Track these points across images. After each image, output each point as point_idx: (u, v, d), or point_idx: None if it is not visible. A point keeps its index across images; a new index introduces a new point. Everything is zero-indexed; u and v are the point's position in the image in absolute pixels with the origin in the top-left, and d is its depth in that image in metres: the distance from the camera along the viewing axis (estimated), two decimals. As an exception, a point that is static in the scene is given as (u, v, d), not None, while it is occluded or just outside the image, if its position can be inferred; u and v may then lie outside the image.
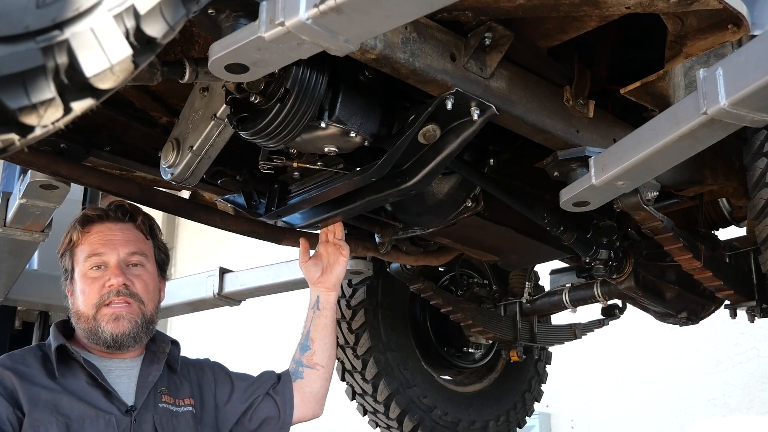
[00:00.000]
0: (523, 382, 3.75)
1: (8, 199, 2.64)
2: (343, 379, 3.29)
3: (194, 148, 1.95)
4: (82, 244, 2.06)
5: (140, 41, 0.97)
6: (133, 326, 2.00)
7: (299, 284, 3.20)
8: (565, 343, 3.64)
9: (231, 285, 3.53)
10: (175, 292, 3.60)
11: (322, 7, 1.13)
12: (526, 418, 3.78)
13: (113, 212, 2.11)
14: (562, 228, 2.38)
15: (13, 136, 0.91)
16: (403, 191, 1.97)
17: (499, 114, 1.79)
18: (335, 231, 2.33)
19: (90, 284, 2.02)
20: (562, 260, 3.17)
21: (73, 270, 2.07)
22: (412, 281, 2.98)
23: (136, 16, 0.95)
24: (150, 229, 2.17)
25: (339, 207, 2.15)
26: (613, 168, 1.75)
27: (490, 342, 3.57)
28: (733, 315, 2.97)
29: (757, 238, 2.27)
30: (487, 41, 1.72)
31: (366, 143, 1.83)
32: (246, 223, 2.48)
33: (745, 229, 3.11)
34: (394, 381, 3.21)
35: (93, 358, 2.01)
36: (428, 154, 1.88)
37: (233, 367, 2.32)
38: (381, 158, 1.84)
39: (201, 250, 9.64)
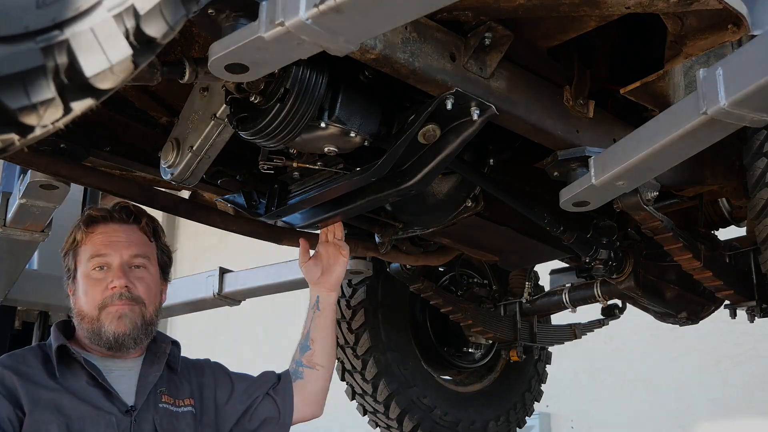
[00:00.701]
0: (523, 382, 3.75)
1: (8, 199, 2.64)
2: (343, 379, 3.29)
3: (194, 148, 1.95)
4: (86, 245, 2.06)
5: (140, 41, 0.96)
6: (133, 327, 2.01)
7: (299, 284, 3.20)
8: (565, 343, 3.64)
9: (231, 285, 3.53)
10: (175, 292, 3.57)
11: (322, 7, 1.13)
12: (526, 418, 3.78)
13: (118, 213, 2.11)
14: (562, 228, 2.38)
15: (13, 136, 0.91)
16: (403, 191, 1.97)
17: (499, 114, 1.79)
18: (335, 231, 2.33)
19: (92, 285, 2.02)
20: (562, 260, 3.17)
21: (75, 270, 2.07)
22: (412, 281, 2.98)
23: (136, 16, 0.95)
24: (154, 231, 2.16)
25: (339, 207, 2.14)
26: (613, 168, 1.75)
27: (490, 342, 3.57)
28: (733, 315, 2.97)
29: (757, 238, 2.27)
30: (487, 41, 1.72)
31: (366, 143, 1.83)
32: (246, 223, 2.47)
33: (745, 229, 3.11)
34: (394, 381, 3.21)
35: (93, 359, 2.01)
36: (428, 154, 1.88)
37: (233, 367, 2.32)
38: (381, 158, 1.83)
39: (201, 250, 9.64)
